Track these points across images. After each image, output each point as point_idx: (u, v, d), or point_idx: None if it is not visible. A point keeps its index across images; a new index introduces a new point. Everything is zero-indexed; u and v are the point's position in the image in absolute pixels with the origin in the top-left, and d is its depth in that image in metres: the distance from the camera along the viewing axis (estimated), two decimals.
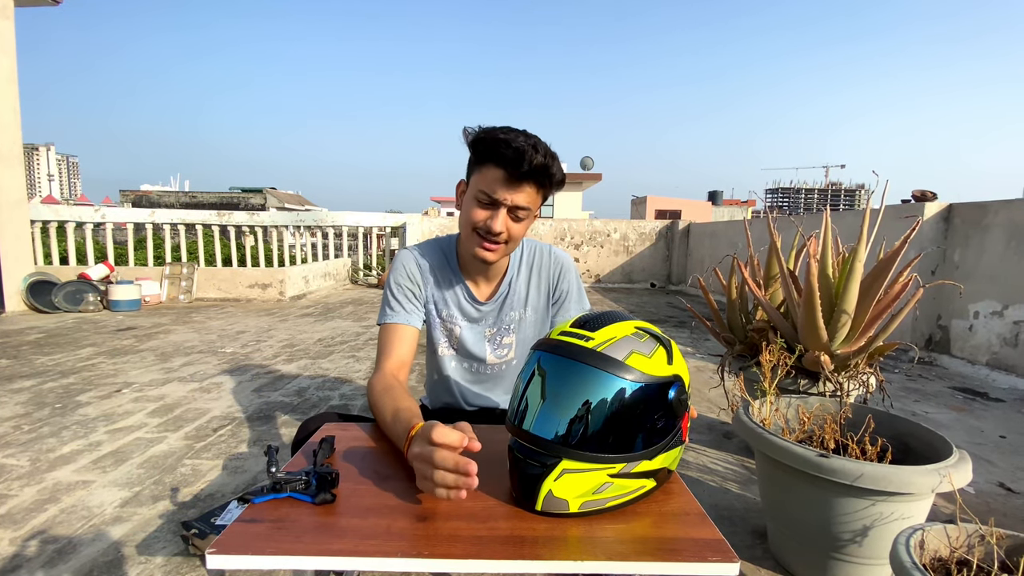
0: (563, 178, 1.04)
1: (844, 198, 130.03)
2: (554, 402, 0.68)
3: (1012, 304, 3.28)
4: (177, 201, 28.21)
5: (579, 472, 0.65)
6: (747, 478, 1.88)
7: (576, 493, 0.66)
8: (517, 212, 1.02)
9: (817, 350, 1.75)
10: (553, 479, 0.66)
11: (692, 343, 4.23)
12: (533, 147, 0.96)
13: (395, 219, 8.50)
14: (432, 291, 1.17)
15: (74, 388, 2.77)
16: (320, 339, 4.16)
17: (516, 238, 1.06)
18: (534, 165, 0.96)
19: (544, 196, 1.06)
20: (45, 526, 1.50)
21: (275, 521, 0.65)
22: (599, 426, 0.66)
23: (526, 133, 1.00)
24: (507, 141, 0.96)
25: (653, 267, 9.08)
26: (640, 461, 0.68)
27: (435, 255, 1.19)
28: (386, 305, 1.14)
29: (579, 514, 0.67)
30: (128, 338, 4.08)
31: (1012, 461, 2.08)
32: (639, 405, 0.67)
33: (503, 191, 0.99)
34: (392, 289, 1.14)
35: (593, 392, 0.66)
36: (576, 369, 0.67)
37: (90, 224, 7.25)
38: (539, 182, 1.00)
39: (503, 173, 0.98)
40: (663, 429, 0.69)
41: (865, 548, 1.20)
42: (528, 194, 1.01)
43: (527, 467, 0.68)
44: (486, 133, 1.00)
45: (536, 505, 0.67)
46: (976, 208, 3.61)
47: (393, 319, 1.11)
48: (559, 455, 0.66)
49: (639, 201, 36.89)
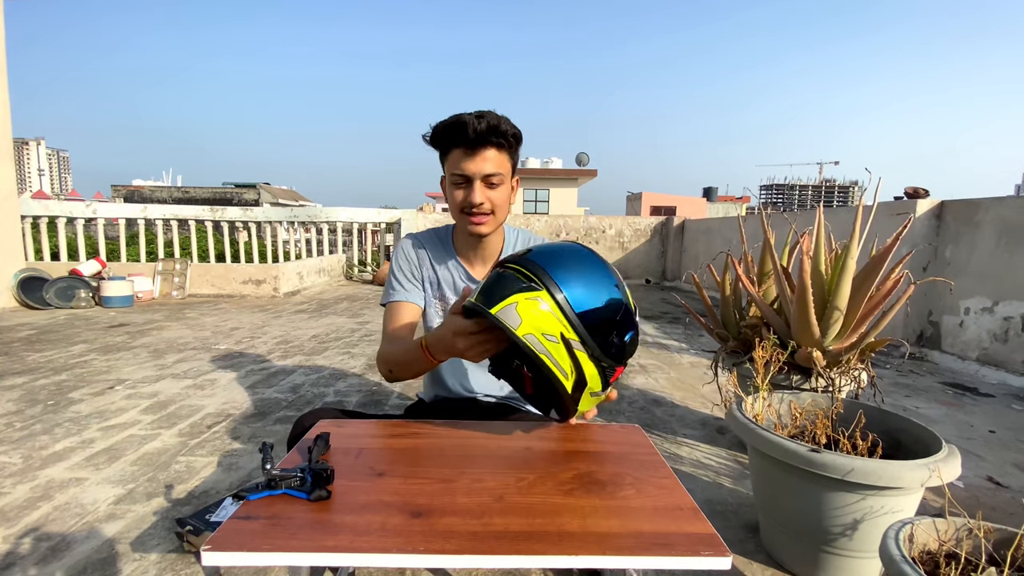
0: (518, 133, 1.10)
1: (838, 195, 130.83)
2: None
3: (1002, 300, 3.31)
4: (170, 196, 27.99)
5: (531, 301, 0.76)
6: (740, 473, 1.90)
7: (530, 320, 0.75)
8: (490, 180, 1.09)
9: (810, 346, 1.76)
10: (524, 298, 0.76)
11: (686, 339, 4.25)
12: (477, 117, 1.04)
13: (390, 215, 8.47)
14: (429, 272, 1.24)
15: (67, 385, 2.75)
16: (315, 335, 4.15)
17: (500, 206, 1.13)
18: (480, 130, 1.04)
19: (511, 158, 1.12)
20: (38, 524, 1.49)
21: (270, 518, 0.65)
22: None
23: (473, 112, 1.07)
24: (454, 123, 1.06)
25: (648, 263, 9.10)
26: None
27: (432, 240, 1.26)
28: (389, 287, 1.22)
29: (524, 339, 0.75)
30: (121, 335, 4.05)
31: (1001, 456, 2.11)
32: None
33: (468, 165, 1.07)
34: (394, 272, 1.22)
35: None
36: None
37: (81, 219, 7.19)
38: (495, 144, 1.07)
39: (461, 150, 1.07)
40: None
41: (855, 541, 1.21)
42: (491, 159, 1.07)
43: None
44: (438, 125, 1.09)
45: (493, 309, 0.76)
46: (967, 205, 3.64)
47: (395, 297, 1.19)
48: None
49: (634, 197, 36.93)
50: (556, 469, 0.80)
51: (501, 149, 1.09)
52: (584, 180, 21.51)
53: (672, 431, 2.28)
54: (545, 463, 0.83)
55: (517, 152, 1.14)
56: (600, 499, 0.72)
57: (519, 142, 1.12)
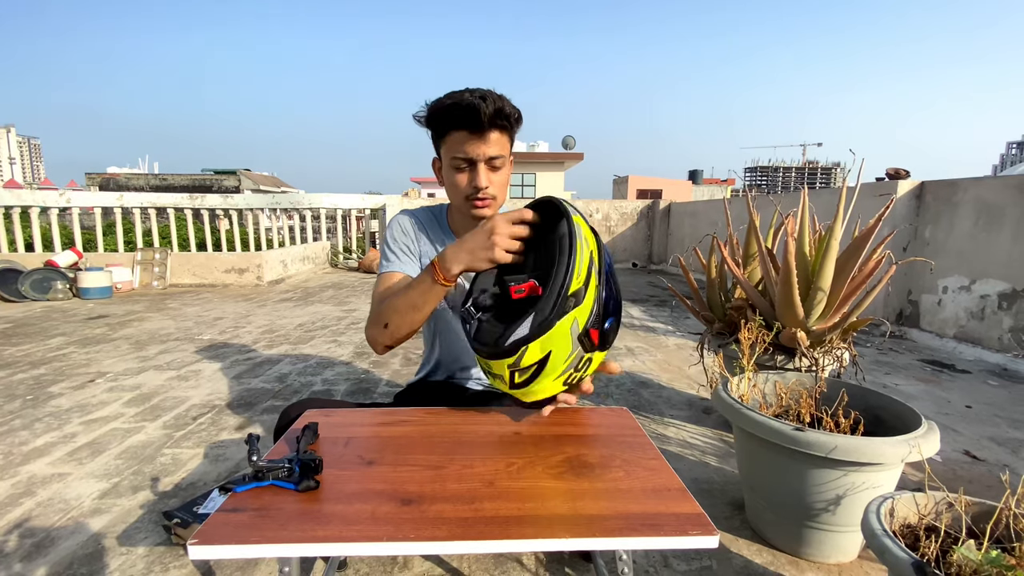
0: (519, 114, 1.08)
1: (820, 176, 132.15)
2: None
3: (979, 279, 3.39)
4: (147, 184, 27.29)
5: None
6: (726, 452, 1.93)
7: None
8: (493, 162, 1.06)
9: (794, 327, 1.79)
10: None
11: (673, 322, 4.29)
12: (481, 98, 1.00)
13: (374, 201, 8.37)
14: (427, 247, 1.20)
15: (45, 379, 2.70)
16: (300, 324, 4.10)
17: (501, 187, 1.11)
18: (489, 114, 1.00)
19: (511, 138, 1.10)
20: (21, 520, 1.47)
21: (258, 510, 0.64)
22: None
23: (469, 89, 1.03)
24: (456, 103, 1.01)
25: (635, 247, 9.13)
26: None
27: (428, 217, 1.24)
28: (383, 259, 1.18)
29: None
30: (100, 326, 3.97)
31: (977, 430, 2.17)
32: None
33: (472, 148, 1.03)
34: (388, 244, 1.19)
35: None
36: None
37: (55, 209, 6.99)
38: (500, 126, 1.04)
39: (465, 133, 1.03)
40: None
41: (838, 516, 1.24)
42: (495, 141, 1.05)
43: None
44: (435, 106, 1.05)
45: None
46: (946, 186, 3.69)
47: (389, 268, 1.15)
48: None
49: (621, 180, 36.92)
50: (546, 453, 0.81)
51: (503, 131, 1.06)
52: (571, 164, 21.42)
53: (659, 412, 2.31)
54: (535, 447, 0.83)
55: (516, 131, 1.11)
56: (589, 482, 0.73)
57: (520, 123, 1.09)
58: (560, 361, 0.78)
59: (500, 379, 0.82)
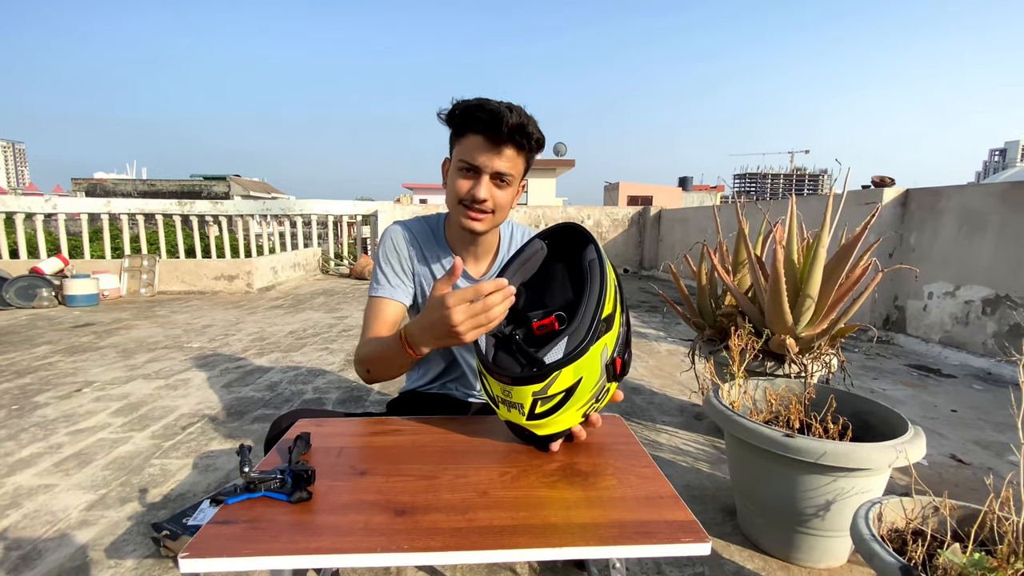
0: (542, 139, 1.04)
1: (808, 183, 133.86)
2: None
3: (963, 285, 3.44)
4: (135, 190, 27.02)
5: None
6: (717, 458, 1.94)
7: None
8: (500, 178, 1.02)
9: (783, 333, 1.81)
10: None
11: (664, 328, 4.32)
12: (508, 108, 0.97)
13: (366, 207, 8.35)
14: (420, 267, 1.17)
15: (31, 388, 2.66)
16: (291, 331, 4.08)
17: (502, 207, 1.05)
18: (511, 125, 0.96)
19: (527, 162, 1.06)
20: (6, 532, 1.44)
21: (250, 521, 0.64)
22: None
23: (500, 101, 1.01)
24: (481, 106, 0.98)
25: (626, 253, 9.18)
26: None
27: (423, 231, 1.19)
28: (374, 280, 1.15)
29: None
30: (87, 335, 3.92)
31: (962, 434, 2.20)
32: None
33: (483, 157, 1.00)
34: (380, 263, 1.15)
35: None
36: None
37: (40, 215, 6.89)
38: (518, 144, 1.00)
39: (482, 139, 0.99)
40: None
41: (828, 521, 1.26)
42: (509, 158, 1.01)
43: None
44: (461, 104, 1.01)
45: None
46: (930, 193, 3.76)
47: (379, 292, 1.12)
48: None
49: (612, 187, 37.15)
50: (539, 462, 0.81)
51: (521, 150, 1.02)
52: (562, 170, 21.53)
53: (651, 418, 2.32)
54: (528, 456, 0.83)
55: (533, 157, 1.07)
56: (583, 490, 0.73)
57: (540, 148, 1.05)
58: (587, 389, 0.76)
59: (517, 409, 0.77)
